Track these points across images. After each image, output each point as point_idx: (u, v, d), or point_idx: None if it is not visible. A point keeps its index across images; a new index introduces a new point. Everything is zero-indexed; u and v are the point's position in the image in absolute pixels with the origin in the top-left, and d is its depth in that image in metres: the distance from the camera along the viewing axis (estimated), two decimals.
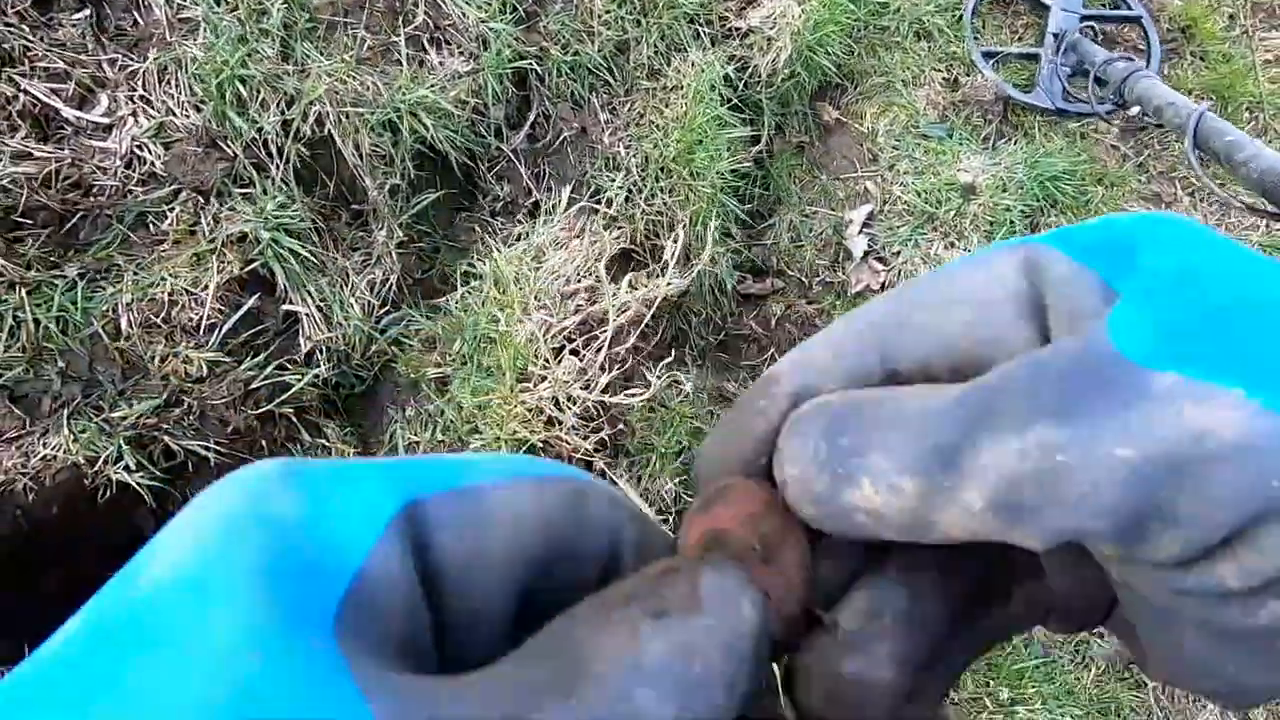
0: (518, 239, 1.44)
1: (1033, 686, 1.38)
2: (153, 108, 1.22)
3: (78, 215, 1.16)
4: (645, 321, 1.26)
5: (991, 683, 1.37)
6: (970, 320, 0.19)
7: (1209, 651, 0.17)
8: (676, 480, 1.28)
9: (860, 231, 1.81)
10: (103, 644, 0.12)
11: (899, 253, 1.79)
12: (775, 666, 0.20)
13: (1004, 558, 0.19)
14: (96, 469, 1.08)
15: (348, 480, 0.15)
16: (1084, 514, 0.15)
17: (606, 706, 0.13)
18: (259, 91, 1.24)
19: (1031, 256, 0.18)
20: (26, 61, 1.18)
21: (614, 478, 1.23)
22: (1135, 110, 1.79)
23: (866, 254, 1.80)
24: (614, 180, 1.50)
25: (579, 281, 1.27)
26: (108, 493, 1.09)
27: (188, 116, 1.23)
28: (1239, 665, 0.17)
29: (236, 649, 0.12)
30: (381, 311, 1.34)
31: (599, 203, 1.49)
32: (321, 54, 1.31)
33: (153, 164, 1.20)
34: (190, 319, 1.18)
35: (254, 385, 1.20)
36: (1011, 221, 1.77)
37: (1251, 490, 0.14)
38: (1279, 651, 0.16)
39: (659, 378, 1.25)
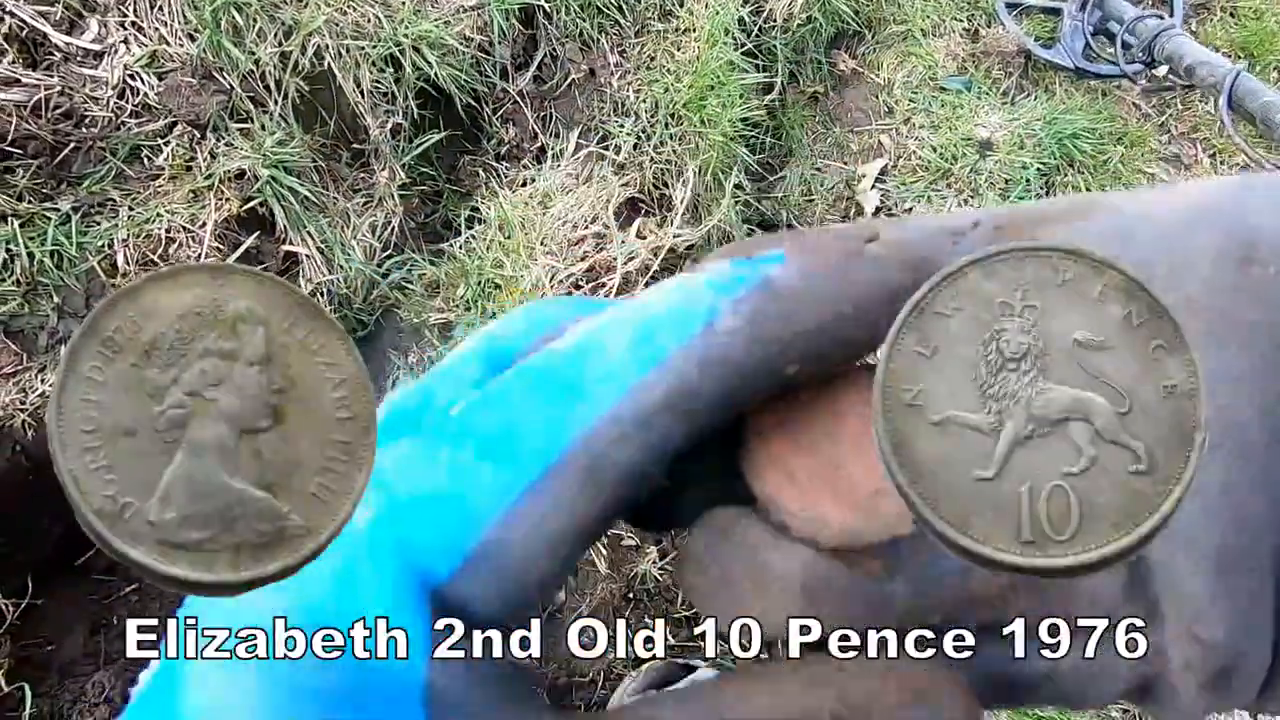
0: (523, 184, 1.40)
1: None
2: (145, 35, 1.18)
3: (69, 146, 1.12)
4: (653, 270, 1.24)
5: None
6: None
7: None
8: None
9: (873, 186, 1.77)
10: None
11: (911, 209, 1.75)
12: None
13: None
14: None
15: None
16: None
17: None
18: (255, 20, 1.19)
19: None
20: None
21: None
22: (1164, 70, 1.73)
23: (878, 210, 1.76)
24: (623, 126, 1.45)
25: (586, 228, 1.24)
26: None
27: (181, 45, 1.18)
28: None
29: None
30: (384, 255, 1.32)
31: (607, 149, 1.45)
32: None
33: (146, 95, 1.16)
34: (188, 257, 1.15)
35: None
36: (1027, 180, 1.73)
37: None
38: None
39: None
